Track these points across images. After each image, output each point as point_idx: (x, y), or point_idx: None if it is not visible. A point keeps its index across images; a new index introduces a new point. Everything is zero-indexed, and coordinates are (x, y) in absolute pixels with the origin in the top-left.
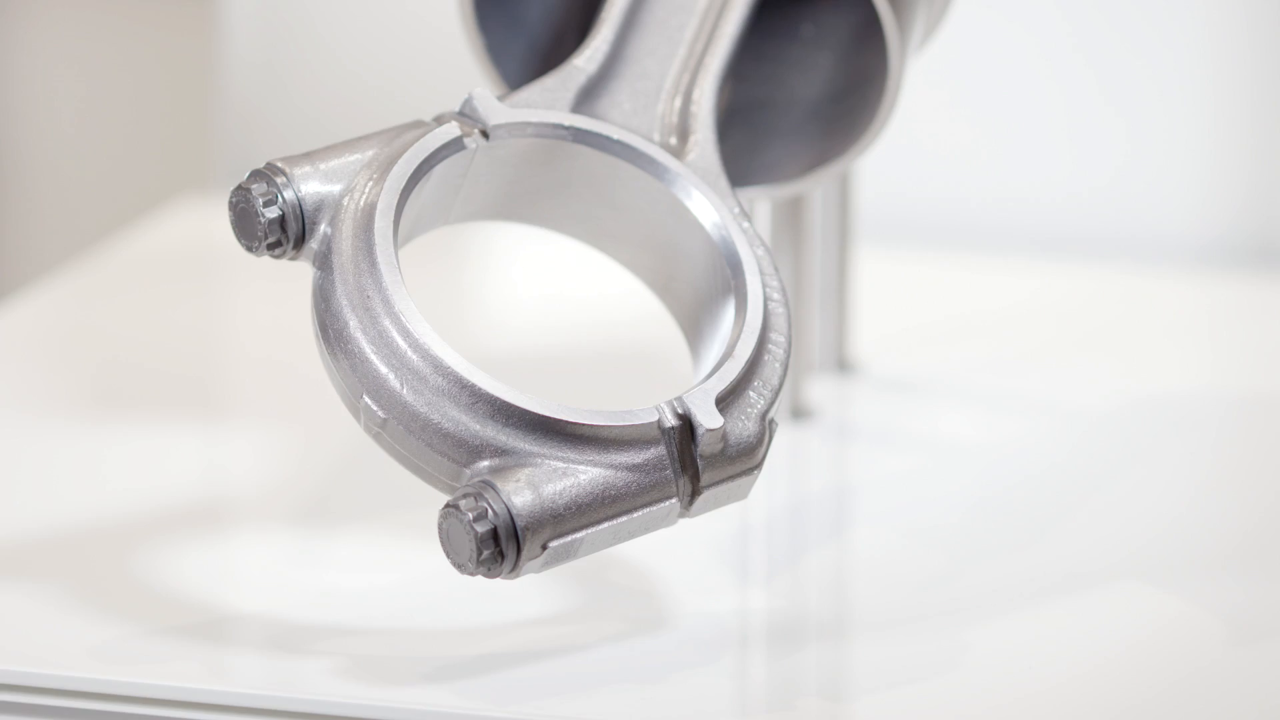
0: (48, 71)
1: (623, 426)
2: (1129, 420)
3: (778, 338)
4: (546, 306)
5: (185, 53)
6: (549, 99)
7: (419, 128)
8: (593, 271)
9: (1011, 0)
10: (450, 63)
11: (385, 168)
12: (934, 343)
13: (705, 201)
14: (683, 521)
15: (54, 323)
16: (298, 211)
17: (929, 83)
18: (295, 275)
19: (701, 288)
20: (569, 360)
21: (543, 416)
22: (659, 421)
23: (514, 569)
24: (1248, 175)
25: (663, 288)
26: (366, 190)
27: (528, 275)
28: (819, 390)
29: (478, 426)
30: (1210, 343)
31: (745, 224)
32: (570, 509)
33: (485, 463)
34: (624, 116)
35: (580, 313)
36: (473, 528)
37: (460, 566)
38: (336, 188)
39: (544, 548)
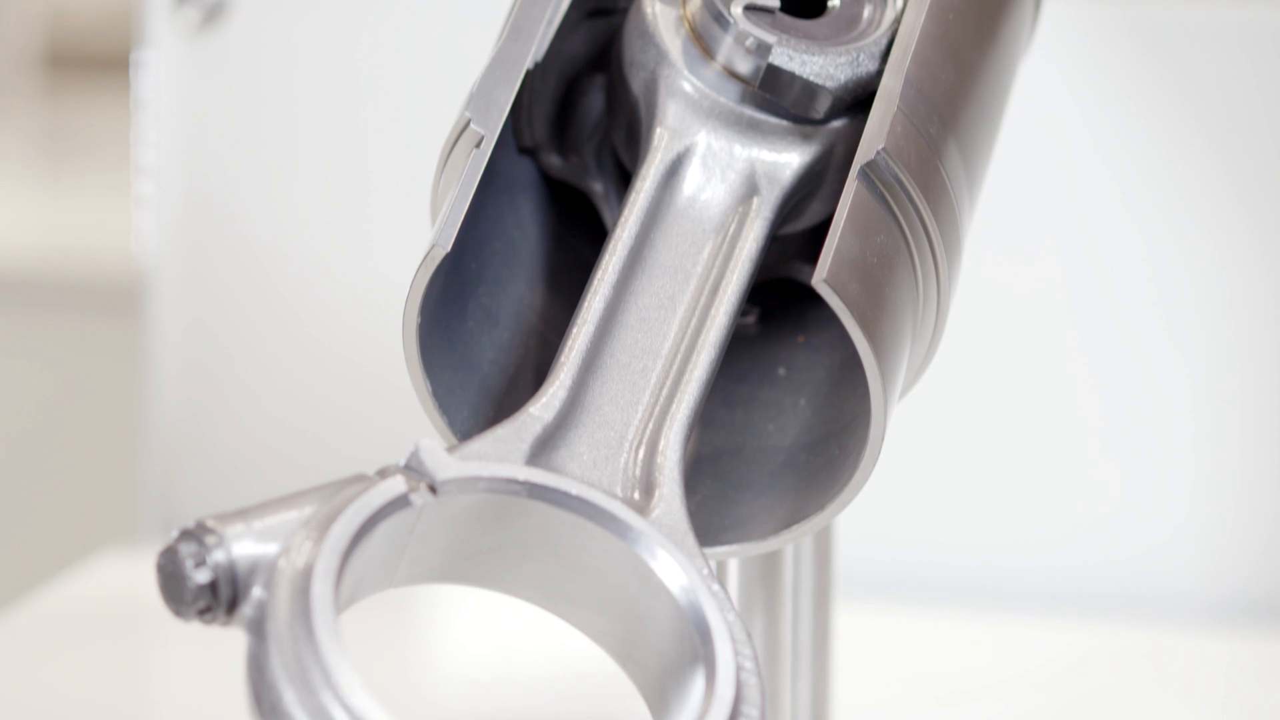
0: None
1: None
2: None
3: (751, 711)
4: (496, 668)
5: (109, 399)
6: (502, 450)
7: (361, 483)
8: (546, 629)
9: (1007, 339)
10: (395, 410)
11: (324, 526)
12: (922, 710)
13: (672, 563)
14: None
15: None
16: (230, 575)
17: (916, 423)
18: (229, 637)
19: (667, 655)
20: None
21: None
22: None
23: None
24: (1263, 529)
25: (625, 655)
26: (304, 551)
27: (476, 633)
28: None
29: None
30: (1225, 708)
31: (715, 586)
32: None
33: None
34: (583, 469)
35: (533, 673)
36: None
37: None
38: (272, 548)
39: None
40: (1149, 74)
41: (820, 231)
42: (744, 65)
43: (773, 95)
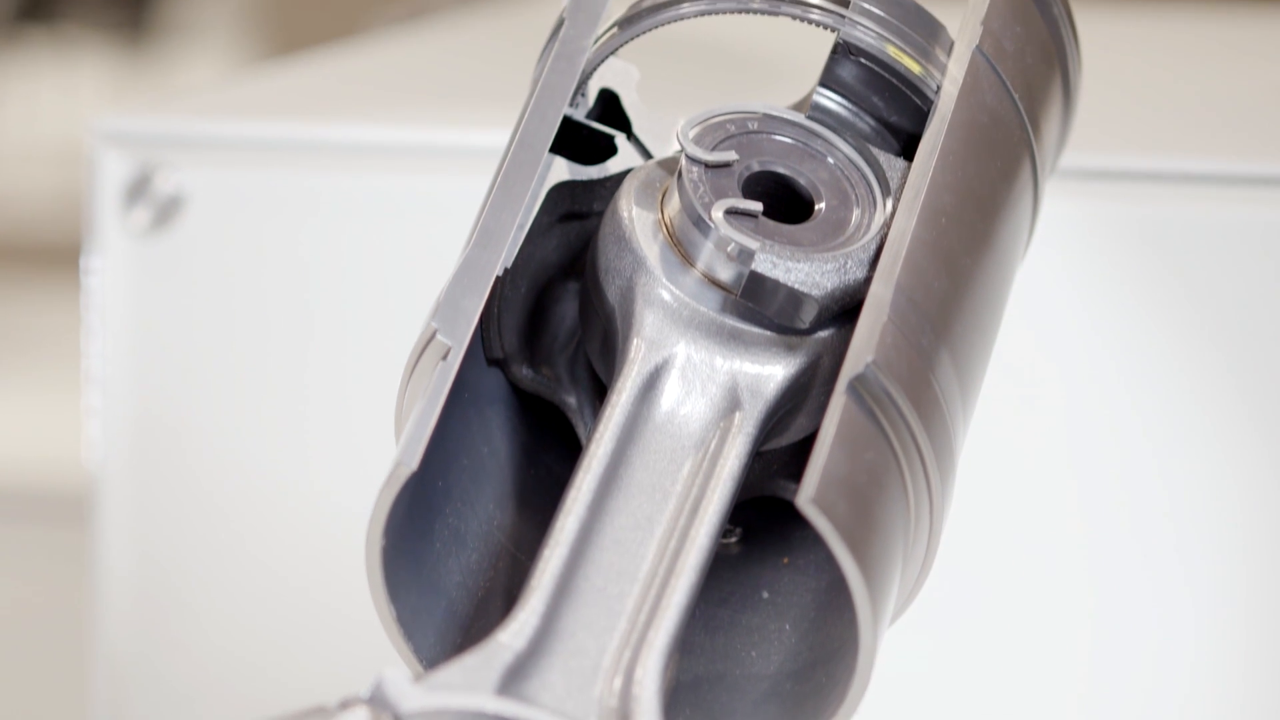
0: None
1: None
2: None
3: None
4: None
5: (56, 618)
6: (471, 680)
7: (321, 714)
8: None
9: (1004, 559)
10: (357, 638)
11: None
12: None
13: None
14: None
15: None
16: None
17: (907, 646)
18: None
19: None
20: None
21: None
22: None
23: None
24: None
25: None
26: None
27: None
28: None
29: None
30: None
31: None
32: None
33: None
34: (556, 699)
35: None
36: None
37: None
38: None
39: None
40: (1160, 275)
41: (806, 446)
42: (725, 272)
43: (756, 304)
